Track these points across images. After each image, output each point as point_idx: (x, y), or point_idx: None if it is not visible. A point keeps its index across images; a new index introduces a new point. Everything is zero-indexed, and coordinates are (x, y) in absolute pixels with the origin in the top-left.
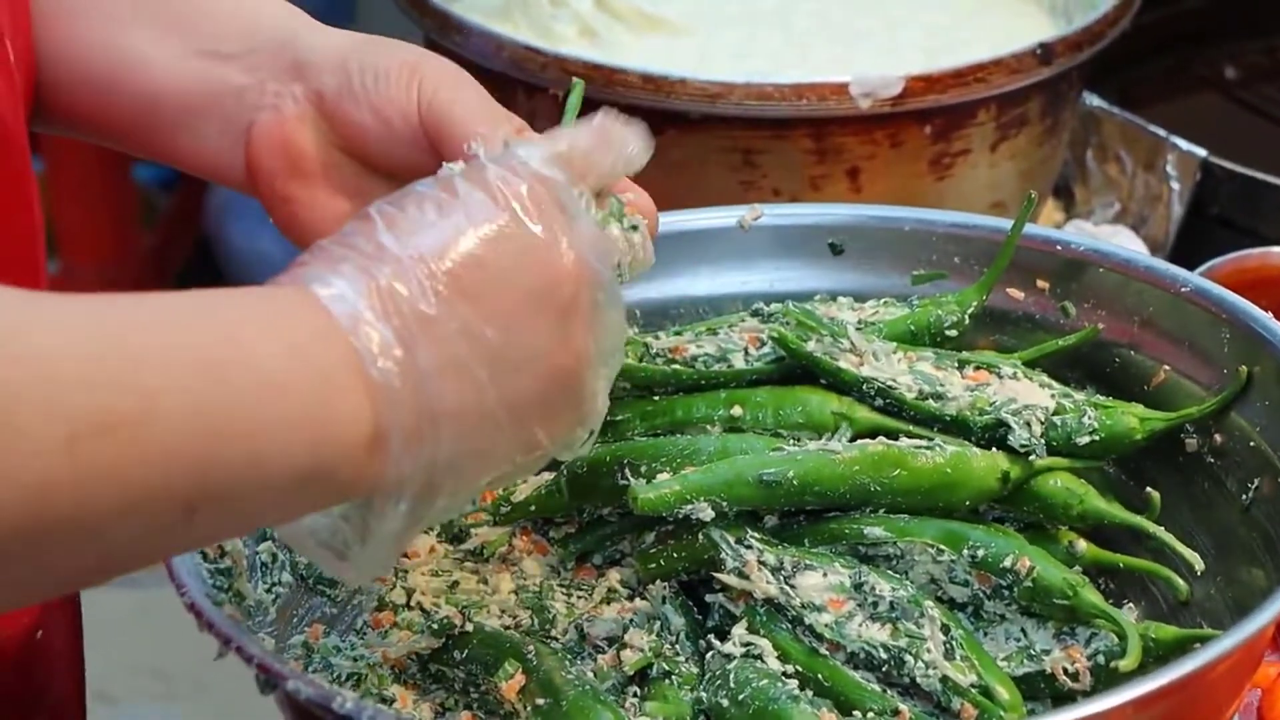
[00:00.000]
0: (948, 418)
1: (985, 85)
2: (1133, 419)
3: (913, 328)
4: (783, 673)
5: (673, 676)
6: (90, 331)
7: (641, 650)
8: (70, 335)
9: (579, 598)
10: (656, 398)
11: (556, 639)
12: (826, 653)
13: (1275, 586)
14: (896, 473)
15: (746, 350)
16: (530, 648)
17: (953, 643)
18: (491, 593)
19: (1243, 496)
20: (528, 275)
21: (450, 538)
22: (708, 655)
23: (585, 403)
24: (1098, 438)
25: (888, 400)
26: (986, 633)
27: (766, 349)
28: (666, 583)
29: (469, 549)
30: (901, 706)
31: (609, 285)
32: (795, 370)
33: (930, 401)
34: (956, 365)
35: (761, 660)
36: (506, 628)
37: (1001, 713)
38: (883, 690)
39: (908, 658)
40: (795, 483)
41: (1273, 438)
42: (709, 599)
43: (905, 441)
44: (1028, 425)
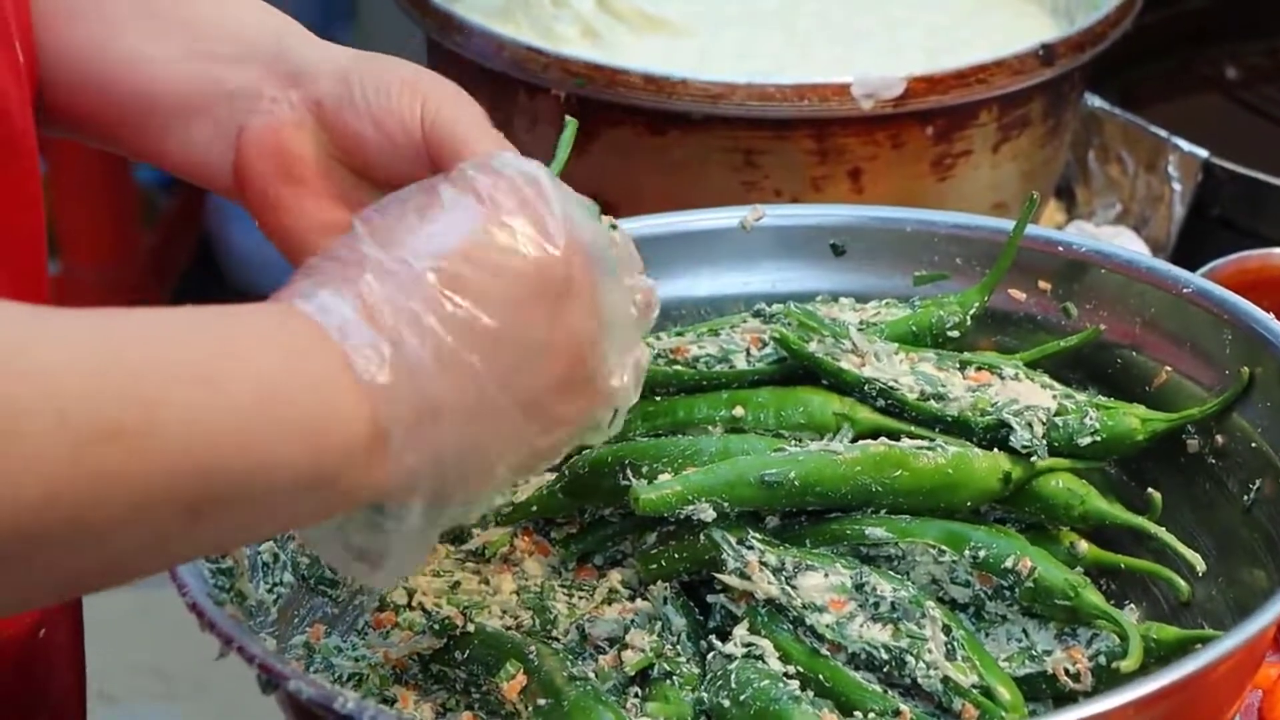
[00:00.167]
0: (949, 418)
1: (987, 86)
2: (1134, 420)
3: (914, 328)
4: (784, 673)
5: (674, 677)
6: (94, 346)
7: (643, 651)
8: (74, 350)
9: (580, 598)
10: (658, 398)
11: (558, 639)
12: (828, 653)
13: (1276, 587)
14: (898, 473)
15: (748, 351)
16: (532, 648)
17: (954, 643)
18: (493, 593)
19: (1244, 497)
20: (515, 262)
21: (452, 538)
22: (709, 656)
23: (598, 380)
24: (1099, 438)
25: (889, 401)
26: (988, 633)
27: (768, 350)
28: (668, 583)
29: (470, 549)
30: (903, 707)
31: (602, 262)
32: (797, 371)
33: (932, 402)
34: (958, 366)
35: (763, 661)
36: (508, 628)
37: (1003, 713)
38: (884, 691)
39: (909, 658)
40: (797, 483)
41: (1274, 439)
42: (710, 600)
43: (907, 442)
44: (1029, 426)
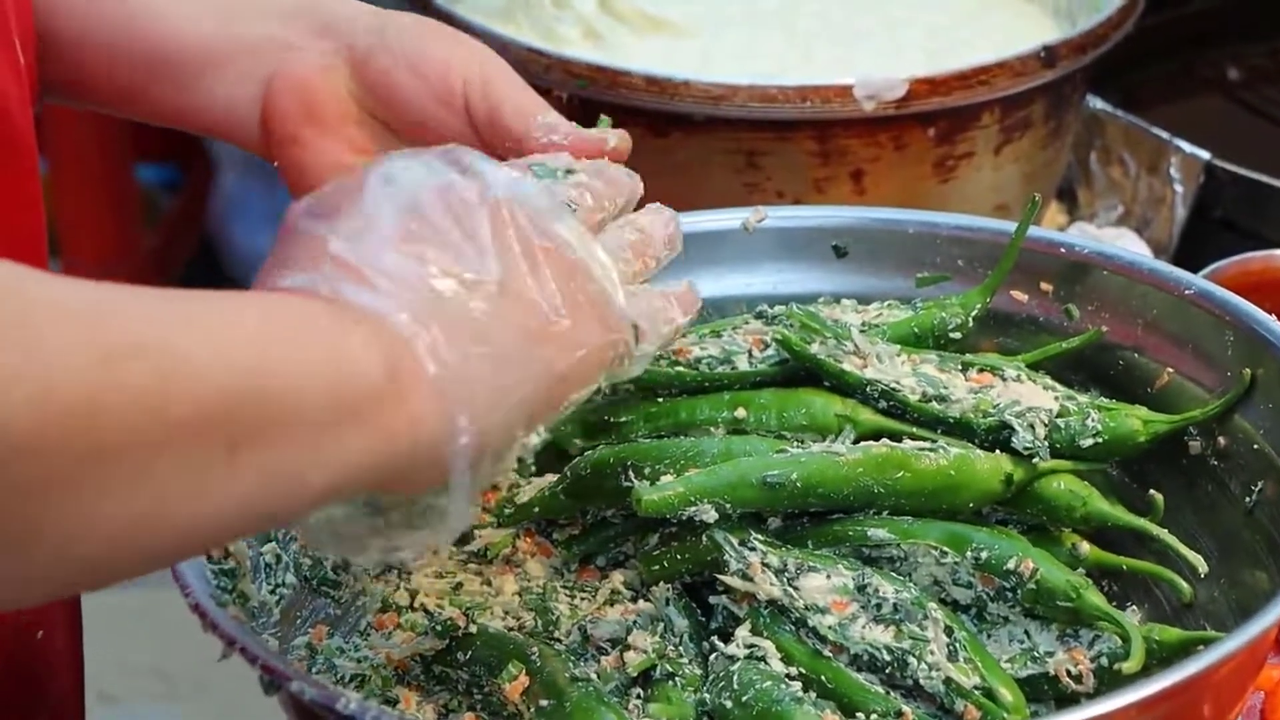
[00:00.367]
0: (951, 420)
1: (989, 88)
2: (1136, 421)
3: (916, 330)
4: (786, 674)
5: (676, 678)
6: (97, 288)
7: (645, 652)
8: (78, 288)
9: (582, 599)
10: (660, 399)
11: (560, 640)
12: (830, 654)
13: (1278, 589)
14: (900, 475)
15: (750, 352)
16: (534, 649)
17: (956, 645)
18: (495, 594)
19: (1246, 499)
20: (442, 198)
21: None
22: (711, 657)
23: (607, 301)
24: (1101, 440)
25: (891, 402)
26: (990, 635)
27: (770, 351)
28: (670, 584)
29: (473, 550)
30: (905, 708)
31: (533, 201)
32: (799, 372)
33: (934, 404)
34: (960, 368)
35: (765, 662)
36: (510, 629)
37: (1005, 714)
38: (886, 692)
39: (911, 659)
40: (799, 485)
41: (1276, 440)
42: (712, 601)
43: (909, 444)
44: (1031, 427)
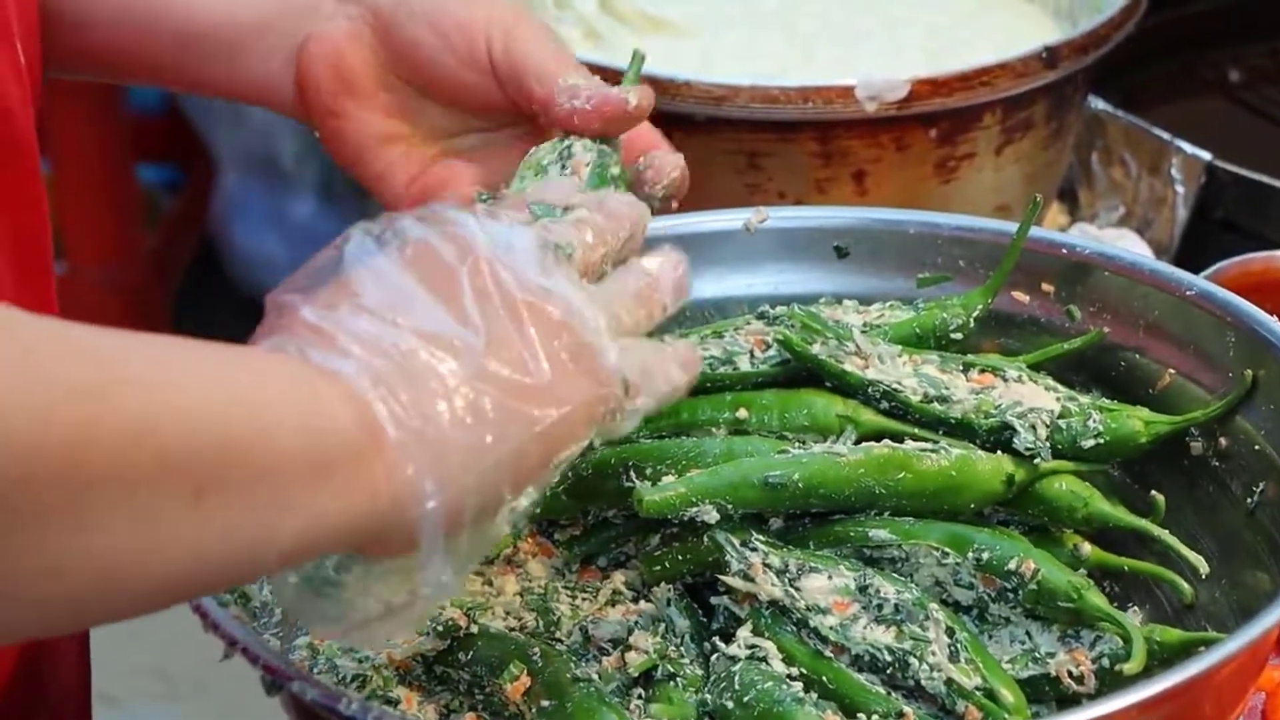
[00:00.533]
0: (953, 420)
1: (990, 89)
2: (1138, 422)
3: (918, 331)
4: (787, 675)
5: (677, 678)
6: (86, 330)
7: (646, 652)
8: (51, 326)
9: (584, 600)
10: None
11: (561, 641)
12: (831, 655)
13: (1279, 590)
14: (901, 475)
15: (752, 353)
16: (535, 649)
17: (957, 645)
18: (496, 595)
19: (1247, 500)
20: (437, 252)
21: None
22: (712, 657)
23: (593, 354)
24: (1103, 441)
25: (893, 403)
26: (991, 635)
27: (772, 352)
28: (671, 585)
29: None
30: (906, 709)
31: (518, 255)
32: (800, 373)
33: (935, 404)
34: (962, 368)
35: (766, 662)
36: (511, 630)
37: (1006, 715)
38: (887, 693)
39: (912, 660)
40: (800, 485)
41: (1277, 441)
42: (714, 601)
43: (910, 444)
44: (1033, 428)
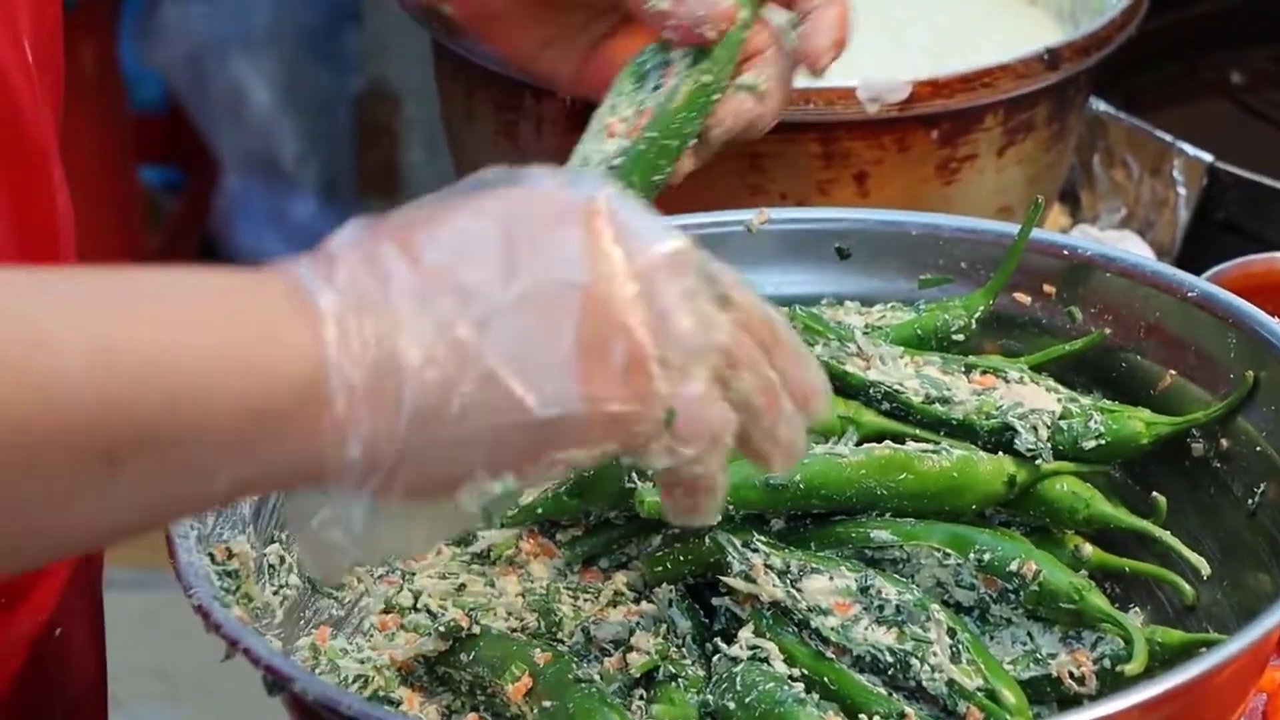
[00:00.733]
0: (954, 422)
1: (992, 90)
2: (1139, 423)
3: (919, 332)
4: (789, 676)
5: (679, 679)
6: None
7: (648, 653)
8: None
9: (585, 600)
10: None
11: (563, 641)
12: (832, 656)
13: None
14: (903, 476)
15: None
16: (537, 650)
17: (959, 646)
18: (498, 595)
19: (1249, 501)
20: (514, 196)
21: (457, 540)
22: (714, 658)
23: (648, 371)
24: (1104, 442)
25: (894, 404)
26: (992, 636)
27: None
28: (673, 586)
29: (476, 552)
30: (907, 710)
31: (610, 210)
32: None
33: (937, 405)
34: (963, 369)
35: (768, 663)
36: (513, 630)
37: (1007, 716)
38: (889, 694)
39: (914, 661)
40: (801, 486)
41: (1278, 442)
42: (715, 602)
43: (912, 445)
44: (1034, 429)
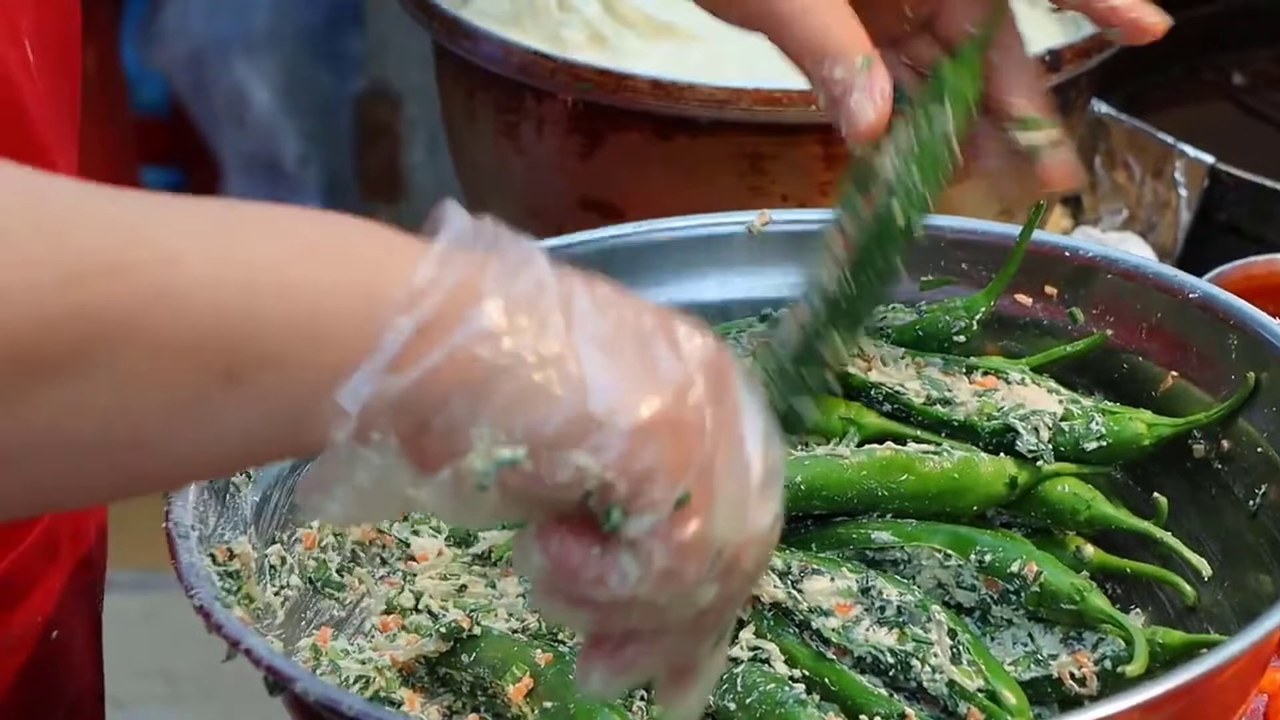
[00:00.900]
0: (955, 423)
1: None
2: (1140, 425)
3: (921, 333)
4: (790, 676)
5: None
6: (108, 194)
7: None
8: (79, 186)
9: None
10: None
11: (564, 642)
12: (833, 657)
13: None
14: (904, 478)
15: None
16: (538, 651)
17: (960, 647)
18: (499, 596)
19: (1250, 502)
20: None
21: (458, 541)
22: None
23: (730, 453)
24: (1105, 443)
25: (896, 405)
26: (993, 637)
27: None
28: None
29: (477, 553)
30: (908, 710)
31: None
32: None
33: (938, 407)
34: (964, 371)
35: (769, 664)
36: (514, 631)
37: (1008, 717)
38: (889, 694)
39: (915, 662)
40: (803, 487)
41: None
42: None
43: (913, 446)
44: (1035, 431)
